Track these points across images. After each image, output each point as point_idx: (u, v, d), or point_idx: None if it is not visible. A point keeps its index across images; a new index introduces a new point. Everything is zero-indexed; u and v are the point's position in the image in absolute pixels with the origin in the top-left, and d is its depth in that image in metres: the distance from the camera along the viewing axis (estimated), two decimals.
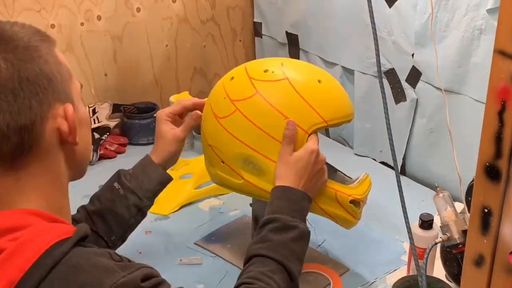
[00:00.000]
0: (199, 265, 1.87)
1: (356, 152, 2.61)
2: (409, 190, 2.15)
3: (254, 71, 1.68)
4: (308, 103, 1.64)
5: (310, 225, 2.02)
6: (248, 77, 1.66)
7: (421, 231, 1.70)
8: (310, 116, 1.65)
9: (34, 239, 1.07)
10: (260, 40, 3.01)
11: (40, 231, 1.09)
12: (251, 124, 1.62)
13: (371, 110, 2.48)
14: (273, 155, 1.63)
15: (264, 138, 1.63)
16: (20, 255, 1.05)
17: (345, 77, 2.59)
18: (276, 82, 1.65)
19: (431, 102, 2.23)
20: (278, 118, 1.62)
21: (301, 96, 1.64)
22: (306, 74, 1.71)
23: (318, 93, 1.67)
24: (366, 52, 2.41)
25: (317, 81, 1.69)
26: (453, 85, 2.10)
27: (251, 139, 1.63)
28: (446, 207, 1.61)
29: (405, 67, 2.27)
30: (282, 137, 1.61)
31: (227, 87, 1.68)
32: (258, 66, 1.71)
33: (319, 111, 1.65)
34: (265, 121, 1.62)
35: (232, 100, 1.64)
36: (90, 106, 2.61)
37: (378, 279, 1.85)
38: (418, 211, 1.73)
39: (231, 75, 1.72)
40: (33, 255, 1.05)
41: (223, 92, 1.67)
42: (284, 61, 1.73)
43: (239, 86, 1.66)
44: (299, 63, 1.83)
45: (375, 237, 2.04)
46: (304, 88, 1.65)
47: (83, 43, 2.55)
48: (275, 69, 1.67)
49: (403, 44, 2.24)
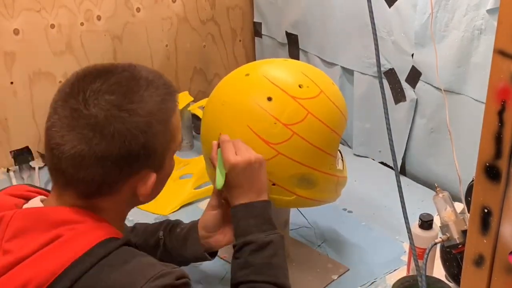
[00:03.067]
0: (199, 265, 1.87)
1: (355, 152, 2.61)
2: (408, 190, 2.15)
3: (290, 88, 1.64)
4: (341, 112, 1.71)
5: (310, 225, 2.03)
6: (290, 97, 1.63)
7: (420, 231, 1.70)
8: (343, 122, 1.74)
9: (89, 232, 1.22)
10: (260, 40, 3.01)
11: (94, 227, 1.23)
12: (308, 144, 1.63)
13: (370, 110, 2.48)
14: (326, 168, 1.69)
15: (319, 155, 1.66)
16: (76, 242, 1.19)
17: (345, 78, 2.59)
18: (317, 98, 1.66)
19: (431, 102, 2.23)
20: (329, 134, 1.67)
21: (336, 106, 1.70)
22: (327, 81, 1.75)
23: (341, 98, 1.76)
24: (366, 52, 2.41)
25: (334, 85, 1.76)
26: (453, 85, 2.10)
27: (309, 159, 1.65)
28: (446, 207, 1.61)
29: (405, 67, 2.27)
30: (333, 150, 1.69)
31: (271, 110, 1.61)
32: (285, 78, 1.67)
33: (345, 115, 1.74)
34: (320, 139, 1.65)
35: (286, 125, 1.61)
36: None
37: (378, 279, 1.85)
38: (418, 211, 1.74)
39: (264, 94, 1.63)
40: (88, 244, 1.19)
41: (268, 117, 1.61)
42: (301, 68, 1.74)
43: (287, 108, 1.62)
44: (312, 69, 1.81)
45: (375, 237, 2.04)
46: (335, 97, 1.72)
47: (83, 43, 2.54)
48: (306, 82, 1.67)
49: (403, 44, 2.24)
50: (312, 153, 1.64)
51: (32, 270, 1.15)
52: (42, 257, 1.17)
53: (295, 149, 1.62)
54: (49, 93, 2.42)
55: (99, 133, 1.19)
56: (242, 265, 1.51)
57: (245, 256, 1.51)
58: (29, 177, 2.43)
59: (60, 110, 1.22)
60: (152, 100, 1.26)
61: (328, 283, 1.83)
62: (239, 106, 1.64)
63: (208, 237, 1.66)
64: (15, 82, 2.43)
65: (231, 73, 1.78)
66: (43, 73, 2.48)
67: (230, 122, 1.63)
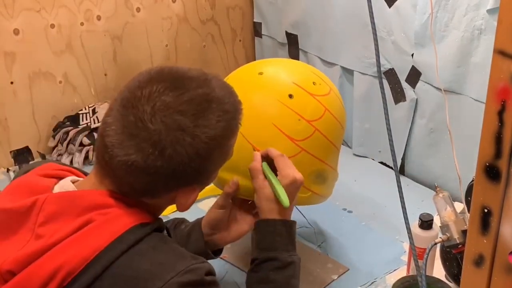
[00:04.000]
0: None
1: (354, 152, 2.60)
2: (408, 190, 2.15)
3: (307, 86, 1.66)
4: (344, 109, 1.76)
5: (310, 225, 2.03)
6: (309, 94, 1.65)
7: (420, 231, 1.70)
8: (345, 118, 1.78)
9: (121, 217, 1.21)
10: (260, 40, 3.01)
11: (126, 212, 1.22)
12: (327, 140, 1.66)
13: (370, 111, 2.48)
14: (334, 163, 1.76)
15: (333, 150, 1.71)
16: (108, 227, 1.19)
17: (344, 78, 2.58)
18: (329, 95, 1.69)
19: (431, 102, 2.22)
20: (340, 130, 1.73)
21: (342, 103, 1.75)
22: (329, 80, 1.77)
23: (341, 96, 1.79)
24: (366, 52, 2.40)
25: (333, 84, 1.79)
26: (452, 85, 2.10)
27: (326, 155, 1.68)
28: (446, 207, 1.61)
29: (405, 67, 2.27)
30: (340, 146, 1.74)
31: (294, 107, 1.63)
32: (299, 76, 1.69)
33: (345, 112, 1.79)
34: (334, 135, 1.69)
35: (309, 121, 1.63)
36: (90, 106, 2.62)
37: (378, 279, 1.85)
38: (417, 211, 1.73)
39: (285, 92, 1.64)
40: (119, 229, 1.19)
41: (292, 113, 1.62)
42: (307, 67, 1.77)
43: (308, 105, 1.64)
44: (314, 68, 1.83)
45: (374, 237, 2.04)
46: (339, 95, 1.76)
47: (83, 43, 2.55)
48: (317, 80, 1.71)
49: (402, 44, 2.24)
50: (329, 149, 1.68)
51: (64, 256, 1.15)
52: (73, 243, 1.17)
53: (316, 146, 1.64)
54: (49, 92, 2.52)
55: (159, 152, 1.18)
56: (262, 279, 1.50)
57: (266, 271, 1.50)
58: None
59: (124, 111, 1.20)
60: (219, 126, 1.25)
61: (328, 283, 1.82)
62: (260, 104, 1.64)
63: (212, 234, 1.66)
64: (15, 82, 2.43)
65: (238, 73, 1.78)
66: (43, 73, 2.49)
67: (253, 122, 1.60)
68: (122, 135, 1.19)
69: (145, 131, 1.18)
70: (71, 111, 2.61)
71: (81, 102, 2.63)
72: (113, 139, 1.20)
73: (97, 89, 2.66)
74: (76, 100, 2.62)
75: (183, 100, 1.20)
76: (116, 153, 1.19)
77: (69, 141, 2.49)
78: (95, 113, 2.60)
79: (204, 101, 1.23)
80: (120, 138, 1.19)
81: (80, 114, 2.60)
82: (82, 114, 2.60)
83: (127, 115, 1.19)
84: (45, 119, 2.56)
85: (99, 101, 2.67)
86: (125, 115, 1.20)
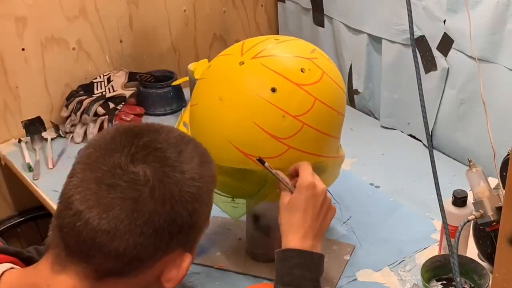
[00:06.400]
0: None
1: (382, 124, 2.56)
2: (439, 164, 2.07)
3: (293, 75, 1.54)
4: (343, 90, 1.65)
5: (336, 201, 1.96)
6: (296, 85, 1.53)
7: (454, 208, 1.66)
8: (345, 100, 1.68)
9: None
10: (283, 5, 2.96)
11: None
12: (318, 133, 1.56)
13: (399, 80, 2.43)
14: (333, 152, 1.67)
15: (328, 141, 1.62)
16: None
17: (372, 46, 2.53)
18: (321, 81, 1.58)
19: (463, 71, 2.16)
20: (336, 117, 1.62)
21: (338, 85, 1.63)
22: (323, 57, 1.66)
23: (339, 73, 1.68)
24: (395, 18, 2.34)
25: (329, 59, 1.68)
26: (486, 53, 2.04)
27: (320, 147, 1.60)
28: (480, 182, 1.56)
29: (436, 34, 2.21)
30: (339, 133, 1.65)
31: (277, 102, 1.52)
32: (285, 64, 1.57)
33: (344, 91, 1.68)
34: (328, 125, 1.60)
35: (295, 117, 1.52)
36: (105, 74, 2.59)
37: (407, 258, 1.81)
38: (448, 186, 1.68)
39: (267, 85, 1.53)
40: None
41: (275, 110, 1.51)
42: (297, 48, 1.64)
43: (294, 99, 1.53)
44: (306, 45, 1.70)
45: (403, 214, 1.99)
46: (335, 75, 1.64)
47: (97, 7, 2.51)
48: (307, 65, 1.58)
49: (434, 9, 2.18)
50: (322, 141, 1.59)
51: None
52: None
53: (306, 141, 1.55)
54: (62, 60, 2.48)
55: (147, 194, 1.05)
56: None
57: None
58: (41, 149, 2.39)
59: (92, 165, 1.07)
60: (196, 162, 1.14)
61: (344, 265, 1.78)
62: (240, 100, 1.54)
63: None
64: (27, 49, 2.40)
65: (220, 62, 1.67)
66: (56, 39, 2.45)
67: (232, 120, 1.53)
68: (97, 190, 1.05)
69: (127, 175, 1.05)
70: (85, 79, 2.57)
71: (96, 70, 2.60)
72: (83, 204, 1.05)
73: (112, 57, 2.63)
74: (90, 68, 2.58)
75: (160, 140, 1.12)
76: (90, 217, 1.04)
77: (83, 110, 2.45)
78: (110, 81, 2.56)
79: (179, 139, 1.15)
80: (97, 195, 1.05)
81: (95, 82, 2.56)
82: (97, 83, 2.56)
83: (97, 168, 1.06)
84: (57, 87, 2.53)
85: (114, 69, 2.63)
86: (95, 169, 1.06)
